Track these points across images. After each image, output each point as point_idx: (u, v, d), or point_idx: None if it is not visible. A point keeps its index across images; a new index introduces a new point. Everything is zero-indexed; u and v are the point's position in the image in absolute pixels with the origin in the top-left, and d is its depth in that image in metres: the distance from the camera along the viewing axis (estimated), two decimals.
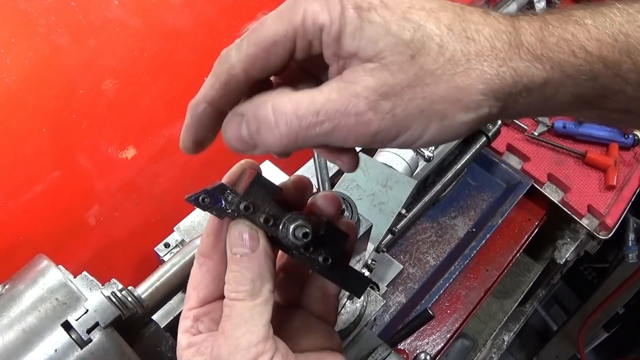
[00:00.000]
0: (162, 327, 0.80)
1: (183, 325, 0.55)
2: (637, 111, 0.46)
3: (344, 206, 0.68)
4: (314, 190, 0.60)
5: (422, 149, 1.21)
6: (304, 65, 0.49)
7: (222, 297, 0.52)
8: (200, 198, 0.51)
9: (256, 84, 0.47)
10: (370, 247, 0.87)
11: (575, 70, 0.43)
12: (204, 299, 0.54)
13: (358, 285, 0.56)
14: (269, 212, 0.51)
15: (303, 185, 0.54)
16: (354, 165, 0.53)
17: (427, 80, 0.42)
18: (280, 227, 0.51)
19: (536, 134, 1.67)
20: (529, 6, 1.61)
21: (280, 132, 0.44)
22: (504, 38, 0.43)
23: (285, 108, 0.44)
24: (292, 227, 0.50)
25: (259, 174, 0.51)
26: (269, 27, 0.44)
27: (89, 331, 0.63)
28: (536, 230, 1.62)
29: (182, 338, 0.54)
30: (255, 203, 0.51)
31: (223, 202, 0.51)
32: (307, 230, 0.50)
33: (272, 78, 0.50)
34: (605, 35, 0.42)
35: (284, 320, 0.56)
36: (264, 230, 0.51)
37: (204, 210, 0.51)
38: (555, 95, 0.44)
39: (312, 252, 0.52)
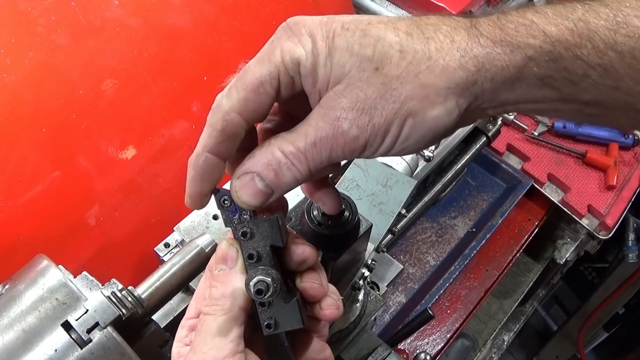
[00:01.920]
0: (162, 327, 0.80)
1: (178, 334, 0.57)
2: (610, 105, 0.46)
3: (343, 206, 0.68)
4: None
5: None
6: (288, 109, 0.53)
7: None
8: (223, 197, 0.52)
9: (247, 135, 0.50)
10: (370, 247, 0.87)
11: (535, 52, 0.44)
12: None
13: None
14: (259, 252, 0.52)
15: (303, 258, 0.55)
16: (337, 207, 0.58)
17: (394, 85, 0.45)
18: (250, 270, 0.52)
19: (536, 134, 1.67)
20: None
21: (297, 169, 0.48)
22: (462, 32, 0.45)
23: (290, 148, 0.47)
24: (256, 277, 0.51)
25: (278, 217, 0.52)
26: (253, 70, 0.47)
27: (89, 331, 0.63)
28: (536, 230, 1.62)
29: (175, 347, 0.56)
30: (253, 236, 0.52)
31: (237, 215, 0.52)
32: (262, 289, 0.50)
33: (261, 127, 0.54)
34: (564, 21, 0.44)
35: None
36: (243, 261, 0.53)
37: (218, 207, 0.52)
38: (520, 77, 0.45)
39: (265, 310, 0.53)
